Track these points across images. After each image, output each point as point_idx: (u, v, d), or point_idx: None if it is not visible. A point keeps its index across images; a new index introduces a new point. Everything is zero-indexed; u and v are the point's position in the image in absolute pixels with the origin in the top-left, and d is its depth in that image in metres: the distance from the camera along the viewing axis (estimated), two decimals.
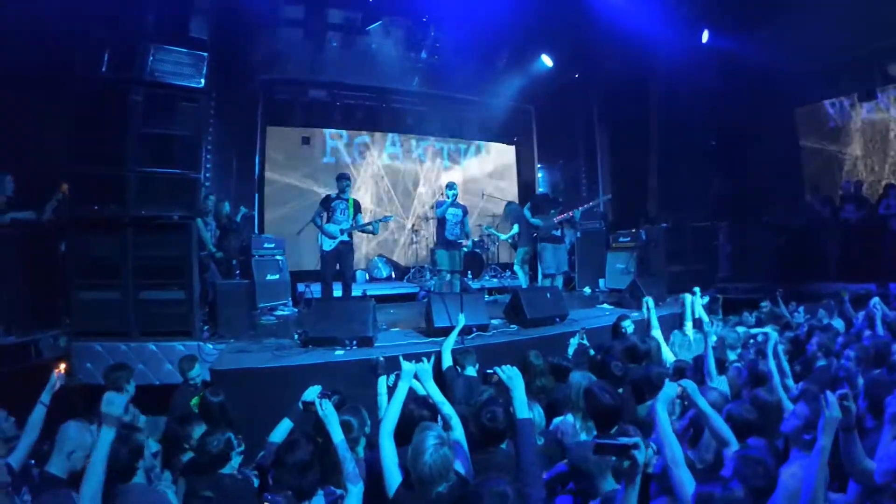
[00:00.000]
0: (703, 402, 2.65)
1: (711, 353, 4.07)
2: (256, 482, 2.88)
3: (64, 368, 3.00)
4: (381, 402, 3.50)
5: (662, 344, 4.95)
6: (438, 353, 4.69)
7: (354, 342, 5.15)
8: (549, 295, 6.60)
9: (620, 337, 5.26)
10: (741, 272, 10.03)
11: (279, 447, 2.75)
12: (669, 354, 4.93)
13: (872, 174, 9.84)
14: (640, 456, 1.90)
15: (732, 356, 4.77)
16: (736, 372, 4.07)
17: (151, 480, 2.81)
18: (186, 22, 5.69)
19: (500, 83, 11.05)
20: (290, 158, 11.32)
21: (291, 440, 2.74)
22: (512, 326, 6.19)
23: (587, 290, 9.70)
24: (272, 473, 2.66)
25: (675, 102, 9.17)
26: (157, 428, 4.06)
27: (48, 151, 5.72)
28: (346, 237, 6.96)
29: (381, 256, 11.48)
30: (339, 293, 7.19)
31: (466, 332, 5.43)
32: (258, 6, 8.02)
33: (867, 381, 3.00)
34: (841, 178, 9.95)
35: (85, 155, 5.28)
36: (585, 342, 5.16)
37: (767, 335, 3.88)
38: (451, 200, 7.40)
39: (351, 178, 7.70)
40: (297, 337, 5.48)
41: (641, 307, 6.67)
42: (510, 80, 11.03)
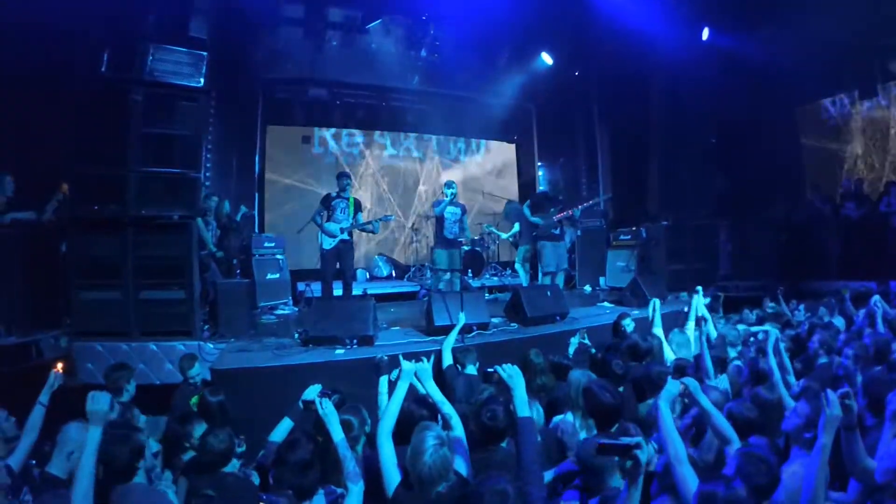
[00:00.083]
0: (705, 400, 2.64)
1: (708, 352, 4.08)
2: (257, 481, 2.88)
3: (62, 367, 2.99)
4: (381, 400, 3.51)
5: (664, 342, 4.95)
6: (439, 351, 4.69)
7: (355, 341, 5.15)
8: (549, 293, 6.60)
9: (621, 335, 5.26)
10: (742, 270, 10.02)
11: (280, 446, 2.75)
12: (670, 353, 4.93)
13: (873, 172, 9.84)
14: (642, 456, 1.90)
15: (733, 353, 4.78)
16: (736, 370, 4.08)
17: (152, 480, 2.82)
18: (186, 22, 5.70)
19: (500, 81, 11.03)
20: (290, 157, 11.31)
21: (292, 439, 2.74)
22: (512, 325, 6.19)
23: (588, 288, 9.70)
24: (273, 473, 2.66)
25: (675, 100, 9.15)
26: (157, 428, 4.06)
27: (48, 151, 5.71)
28: (346, 236, 6.96)
29: (381, 255, 11.48)
30: (339, 292, 7.19)
31: (467, 330, 5.44)
32: (258, 5, 8.00)
33: (866, 378, 2.99)
34: (841, 175, 9.95)
35: (85, 155, 5.28)
36: (587, 342, 5.16)
37: (768, 333, 3.88)
38: (449, 199, 7.40)
39: (351, 176, 7.69)
40: (297, 336, 5.48)
41: (642, 305, 6.70)
42: (510, 78, 11.01)
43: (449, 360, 4.59)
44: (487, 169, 13.37)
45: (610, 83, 10.46)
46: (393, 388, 2.95)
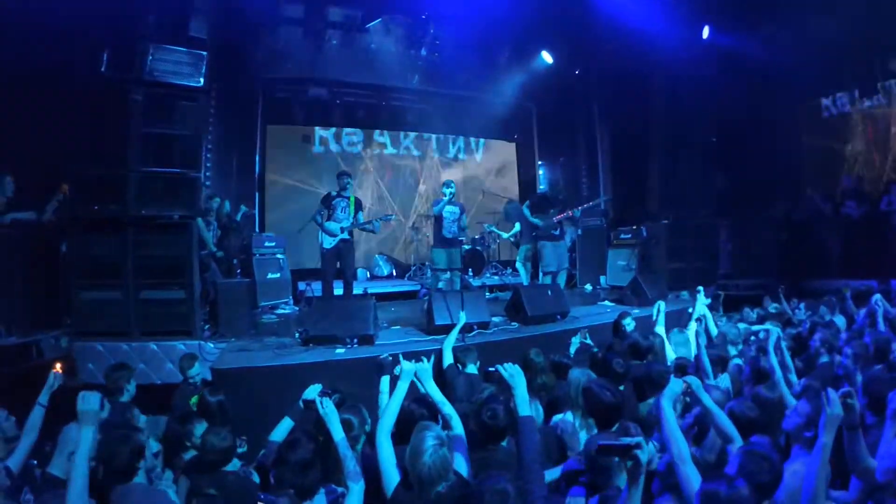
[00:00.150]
0: (707, 398, 2.64)
1: (704, 351, 4.09)
2: (257, 480, 2.88)
3: (60, 367, 2.99)
4: (381, 400, 3.50)
5: (666, 341, 4.94)
6: (439, 350, 4.69)
7: (355, 340, 5.16)
8: (549, 292, 6.60)
9: (621, 334, 5.26)
10: (742, 269, 10.03)
11: (280, 446, 2.75)
12: (671, 352, 4.93)
13: (873, 170, 9.81)
14: (642, 455, 1.89)
15: (733, 352, 4.78)
16: (737, 368, 4.08)
17: (152, 480, 2.81)
18: (186, 21, 5.69)
19: (500, 80, 11.02)
20: (290, 157, 11.30)
21: (292, 439, 2.74)
22: (513, 324, 6.19)
23: (588, 287, 9.70)
24: (274, 472, 2.66)
25: (675, 99, 9.15)
26: (157, 428, 4.06)
27: (48, 151, 5.70)
28: (346, 235, 6.96)
29: (381, 254, 11.48)
30: (340, 291, 7.19)
31: (467, 329, 5.44)
32: (258, 5, 7.99)
33: (867, 377, 2.99)
34: (842, 174, 9.93)
35: (85, 155, 5.29)
36: (589, 341, 5.15)
37: (769, 331, 3.88)
38: (448, 198, 7.41)
39: (351, 175, 7.69)
40: (297, 335, 5.48)
41: (643, 304, 6.69)
42: (510, 77, 10.99)
43: (450, 359, 4.59)
44: (487, 168, 13.37)
45: (610, 82, 10.44)
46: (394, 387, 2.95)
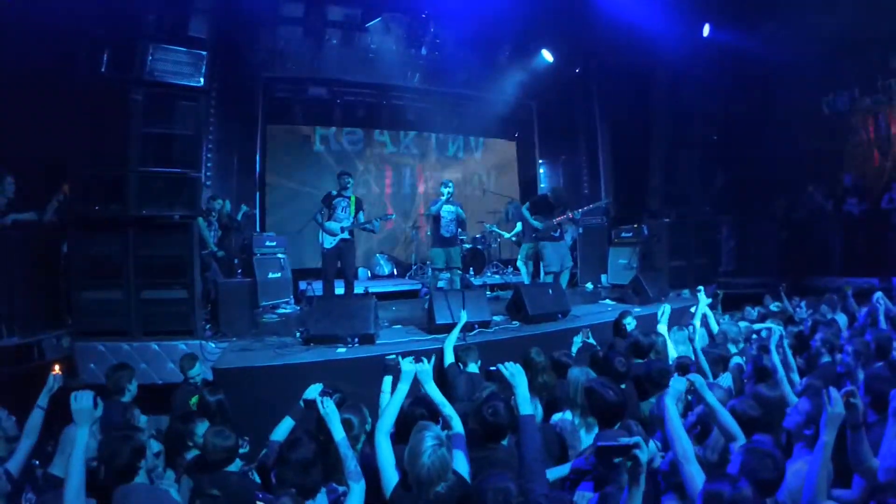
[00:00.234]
0: (711, 396, 2.63)
1: (701, 353, 4.09)
2: (258, 481, 2.88)
3: (60, 369, 2.99)
4: (383, 399, 3.50)
5: (668, 340, 4.94)
6: (440, 350, 4.69)
7: (356, 340, 5.16)
8: (550, 291, 6.59)
9: (622, 333, 5.25)
10: (744, 267, 10.02)
11: (282, 445, 2.75)
12: (674, 351, 4.92)
13: (874, 168, 9.79)
14: (642, 455, 1.89)
15: (734, 350, 4.78)
16: (739, 367, 4.07)
17: (153, 480, 2.82)
18: (186, 21, 5.68)
19: (500, 79, 10.98)
20: (290, 156, 11.29)
21: (294, 438, 2.74)
22: (514, 323, 6.18)
23: (589, 285, 9.70)
24: (275, 472, 2.66)
25: (676, 96, 9.12)
26: (159, 428, 4.07)
27: (49, 152, 5.71)
28: (346, 235, 6.96)
29: (382, 253, 11.48)
30: (341, 290, 7.19)
31: (468, 328, 5.44)
32: (258, 4, 7.97)
33: (868, 376, 2.98)
34: (843, 171, 9.90)
35: (85, 155, 5.28)
36: (591, 340, 5.14)
37: (772, 330, 3.87)
38: (445, 198, 7.42)
39: (352, 175, 7.69)
40: (298, 335, 5.49)
41: (644, 303, 6.69)
42: (511, 75, 10.95)
43: (451, 358, 4.59)
44: (488, 166, 13.37)
45: (611, 80, 10.42)
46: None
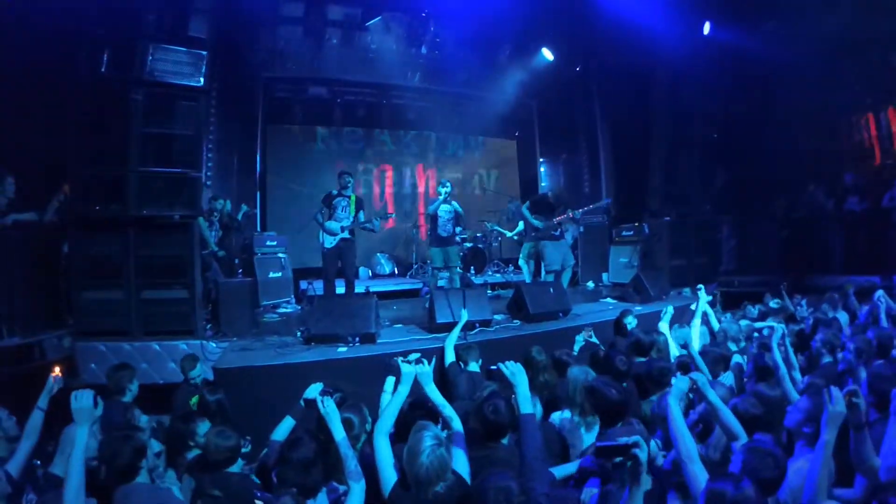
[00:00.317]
0: (713, 395, 2.62)
1: (698, 355, 4.09)
2: (256, 481, 2.87)
3: (59, 371, 2.99)
4: (384, 399, 3.50)
5: (670, 339, 4.93)
6: (441, 349, 4.69)
7: (357, 339, 5.16)
8: (552, 290, 6.58)
9: (623, 332, 5.25)
10: (745, 265, 10.00)
11: (283, 445, 2.75)
12: (676, 350, 4.91)
13: (875, 166, 9.77)
14: (641, 455, 1.88)
15: (734, 348, 4.77)
16: (739, 366, 4.07)
17: (154, 480, 2.82)
18: (186, 21, 5.68)
19: (501, 78, 10.99)
20: (290, 156, 11.30)
21: (294, 438, 2.74)
22: (515, 322, 6.18)
23: (590, 284, 9.70)
24: (276, 471, 2.66)
25: (677, 95, 9.11)
26: (160, 427, 4.07)
27: (49, 152, 5.71)
28: (347, 234, 6.95)
29: (383, 253, 11.48)
30: (342, 290, 7.19)
31: (469, 327, 5.44)
32: (258, 4, 7.98)
33: (870, 374, 2.97)
34: (844, 170, 9.88)
35: (86, 155, 5.28)
36: (594, 339, 5.13)
37: (773, 328, 3.86)
38: (443, 197, 7.41)
39: (352, 174, 7.68)
40: (299, 334, 5.49)
41: (645, 301, 6.67)
42: (511, 74, 10.96)
43: (451, 357, 4.59)
44: (488, 166, 13.36)
45: (611, 79, 10.40)
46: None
